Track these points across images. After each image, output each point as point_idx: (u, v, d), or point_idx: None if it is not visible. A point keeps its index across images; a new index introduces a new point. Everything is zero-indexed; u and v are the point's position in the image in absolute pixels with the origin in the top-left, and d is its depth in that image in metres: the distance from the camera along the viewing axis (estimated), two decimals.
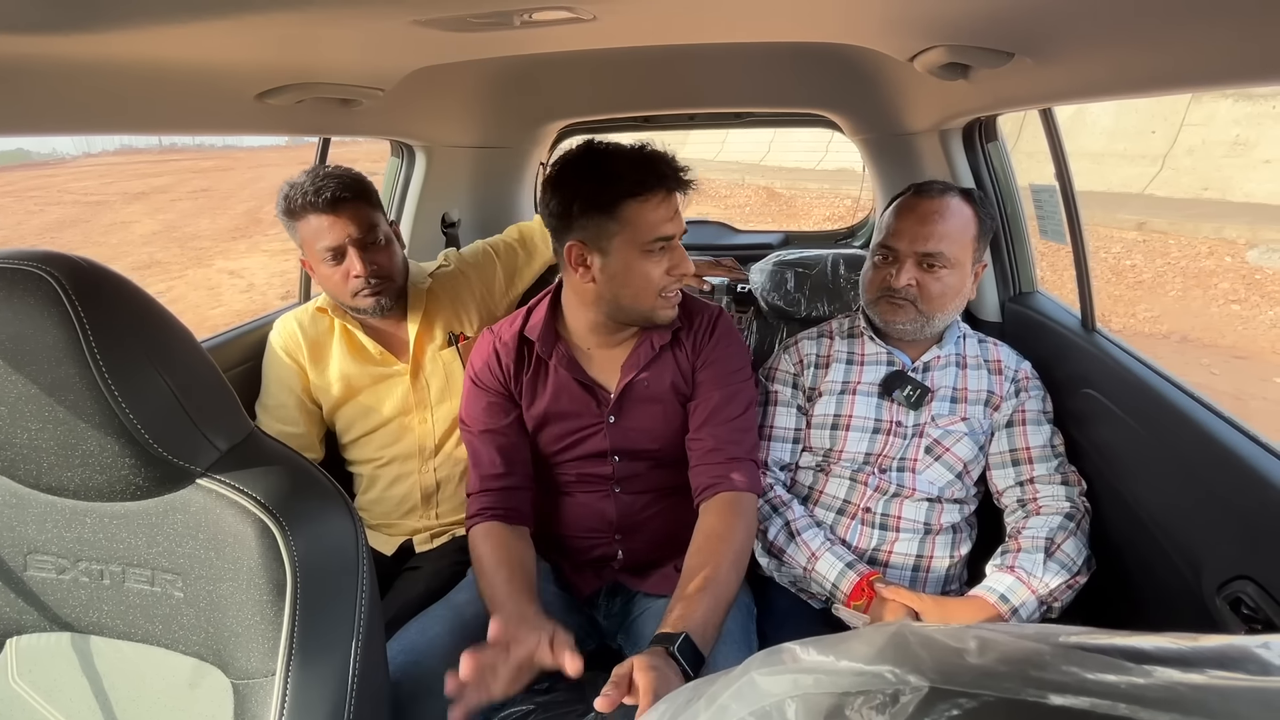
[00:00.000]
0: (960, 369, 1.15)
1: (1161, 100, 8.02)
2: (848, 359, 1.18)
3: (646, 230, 0.93)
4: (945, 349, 1.15)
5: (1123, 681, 0.21)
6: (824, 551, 1.06)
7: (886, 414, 1.13)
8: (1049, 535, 1.01)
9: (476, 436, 1.08)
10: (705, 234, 2.30)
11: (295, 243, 1.24)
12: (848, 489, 1.13)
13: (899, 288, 1.09)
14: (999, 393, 1.13)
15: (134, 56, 0.77)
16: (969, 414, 1.12)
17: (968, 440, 1.11)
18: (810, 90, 1.67)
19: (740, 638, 0.94)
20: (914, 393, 1.11)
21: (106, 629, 0.65)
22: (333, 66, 0.99)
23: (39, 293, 0.51)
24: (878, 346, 1.17)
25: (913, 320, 1.10)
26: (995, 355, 1.17)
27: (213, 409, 0.62)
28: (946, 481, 1.10)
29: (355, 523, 0.66)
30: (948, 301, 1.10)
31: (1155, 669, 0.21)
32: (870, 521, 1.11)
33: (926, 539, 1.09)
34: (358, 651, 0.63)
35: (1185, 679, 0.21)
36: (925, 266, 1.08)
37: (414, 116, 1.50)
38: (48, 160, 29.78)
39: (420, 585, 1.15)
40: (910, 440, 1.12)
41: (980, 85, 1.03)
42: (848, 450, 1.13)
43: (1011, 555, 1.01)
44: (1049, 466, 1.08)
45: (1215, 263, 5.93)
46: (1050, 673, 0.21)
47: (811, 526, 1.10)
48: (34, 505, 0.63)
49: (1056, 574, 0.97)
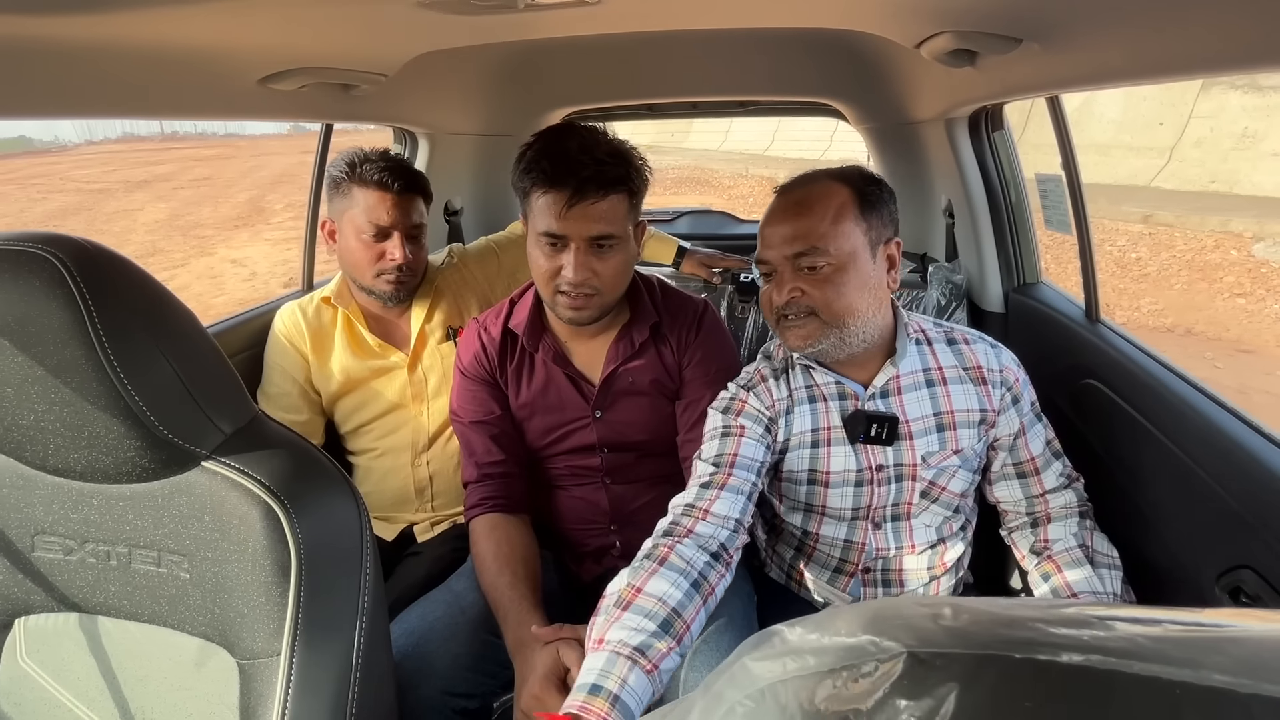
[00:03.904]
0: (939, 386, 0.96)
1: (1169, 91, 7.95)
2: (809, 396, 0.98)
3: (537, 219, 0.95)
4: (904, 365, 0.95)
5: (1088, 635, 0.22)
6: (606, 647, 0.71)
7: (864, 461, 0.96)
8: (1080, 542, 0.95)
9: (468, 427, 1.08)
10: (709, 224, 2.30)
11: (334, 206, 1.25)
12: (842, 549, 1.01)
13: (783, 304, 0.90)
14: (991, 407, 0.96)
15: (135, 39, 0.77)
16: (961, 443, 0.95)
17: (963, 472, 0.97)
18: (815, 78, 1.65)
19: (742, 624, 0.94)
20: (881, 429, 0.93)
21: (114, 609, 0.66)
22: (336, 51, 0.99)
23: (44, 274, 0.51)
24: (826, 375, 0.97)
25: (822, 338, 0.90)
26: (973, 360, 0.97)
27: (217, 392, 0.62)
28: (944, 519, 1.00)
29: (359, 505, 0.66)
30: (853, 301, 0.88)
31: (1119, 625, 0.23)
32: (871, 581, 1.02)
33: (932, 583, 1.02)
34: (362, 632, 0.63)
35: (1146, 631, 0.22)
36: (805, 270, 0.89)
37: (417, 103, 1.50)
38: (50, 148, 29.74)
39: (421, 571, 1.16)
40: (899, 485, 0.97)
41: (987, 72, 1.02)
42: (830, 505, 0.99)
43: (1058, 579, 0.93)
44: (1054, 473, 0.99)
45: (1221, 256, 5.89)
46: (1019, 630, 0.22)
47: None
48: (41, 486, 0.64)
49: (1110, 575, 0.92)
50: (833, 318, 0.89)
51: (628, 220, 0.98)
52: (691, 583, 0.77)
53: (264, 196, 12.04)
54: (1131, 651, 0.21)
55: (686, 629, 0.73)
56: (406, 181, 1.22)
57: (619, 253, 0.97)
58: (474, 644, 0.93)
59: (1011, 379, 0.97)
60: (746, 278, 1.70)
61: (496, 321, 1.09)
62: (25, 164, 20.84)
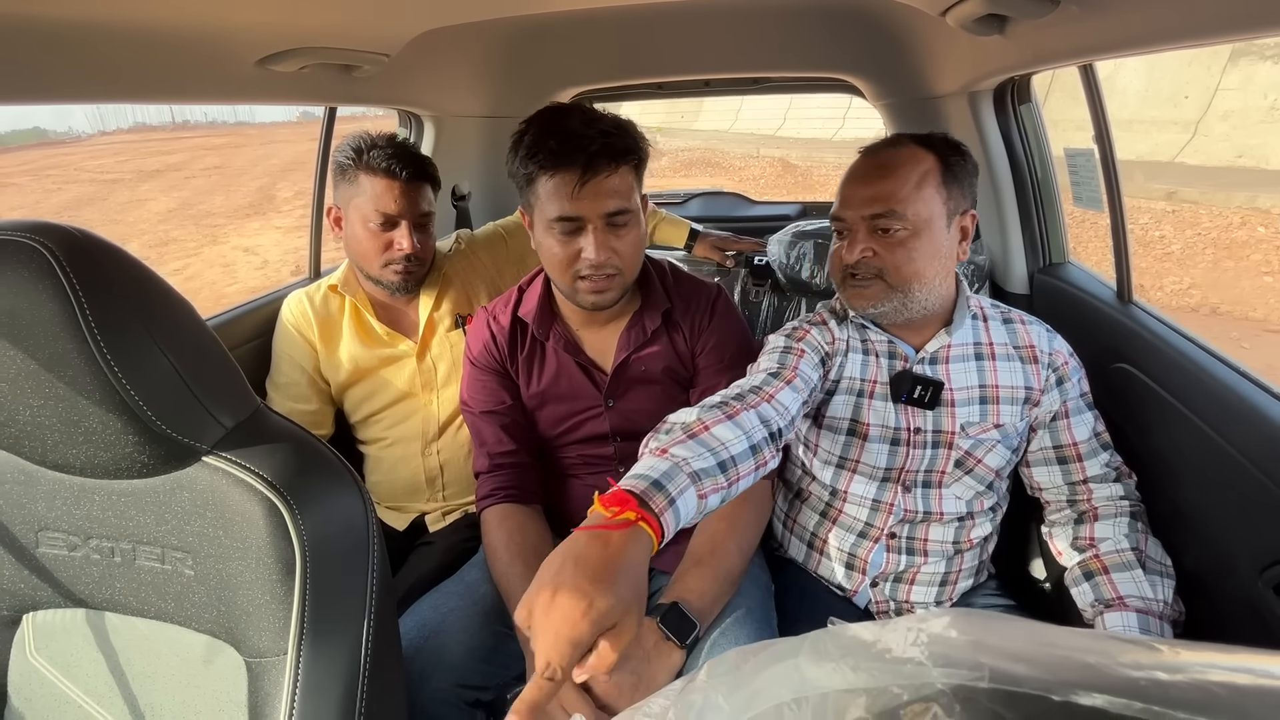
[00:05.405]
0: (986, 361, 0.97)
1: (1196, 62, 7.70)
2: (863, 349, 1.00)
3: (548, 206, 0.90)
4: (958, 336, 0.97)
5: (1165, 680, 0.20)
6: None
7: (904, 420, 0.97)
8: (1133, 545, 0.90)
9: (479, 417, 1.07)
10: (721, 206, 2.25)
11: (340, 193, 1.21)
12: (869, 513, 1.00)
13: (853, 262, 0.93)
14: (1037, 386, 0.96)
15: (127, 18, 0.74)
16: (1003, 418, 0.95)
17: (1001, 448, 0.96)
18: (831, 52, 1.59)
19: (760, 616, 0.92)
20: (925, 392, 0.95)
21: (120, 605, 0.65)
22: (335, 29, 0.96)
23: (33, 265, 0.49)
24: (879, 334, 1.00)
25: (885, 300, 0.92)
26: (1026, 339, 0.98)
27: (216, 385, 0.60)
28: (975, 494, 0.98)
29: (365, 500, 0.64)
30: (922, 268, 0.90)
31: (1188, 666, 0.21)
32: (896, 547, 1.00)
33: (956, 557, 1.00)
34: (370, 630, 0.62)
35: (1214, 678, 0.20)
36: (881, 232, 0.91)
37: (421, 84, 1.46)
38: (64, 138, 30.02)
39: (433, 561, 1.15)
40: (935, 451, 0.97)
41: (1017, 40, 0.97)
42: (864, 462, 0.99)
43: (1105, 581, 0.88)
44: (1099, 462, 0.96)
45: (1248, 233, 5.74)
46: (1102, 675, 0.21)
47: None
48: (42, 482, 0.63)
49: (1163, 584, 0.87)
50: (899, 282, 0.91)
51: (636, 193, 0.95)
52: (750, 445, 0.75)
53: (274, 184, 12.08)
54: (1201, 704, 0.19)
55: (735, 482, 0.71)
56: (415, 169, 1.18)
57: (634, 228, 0.94)
58: (487, 635, 0.92)
59: (1060, 362, 0.97)
60: (760, 260, 1.66)
61: (505, 310, 1.07)
62: (40, 155, 21.05)
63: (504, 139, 1.84)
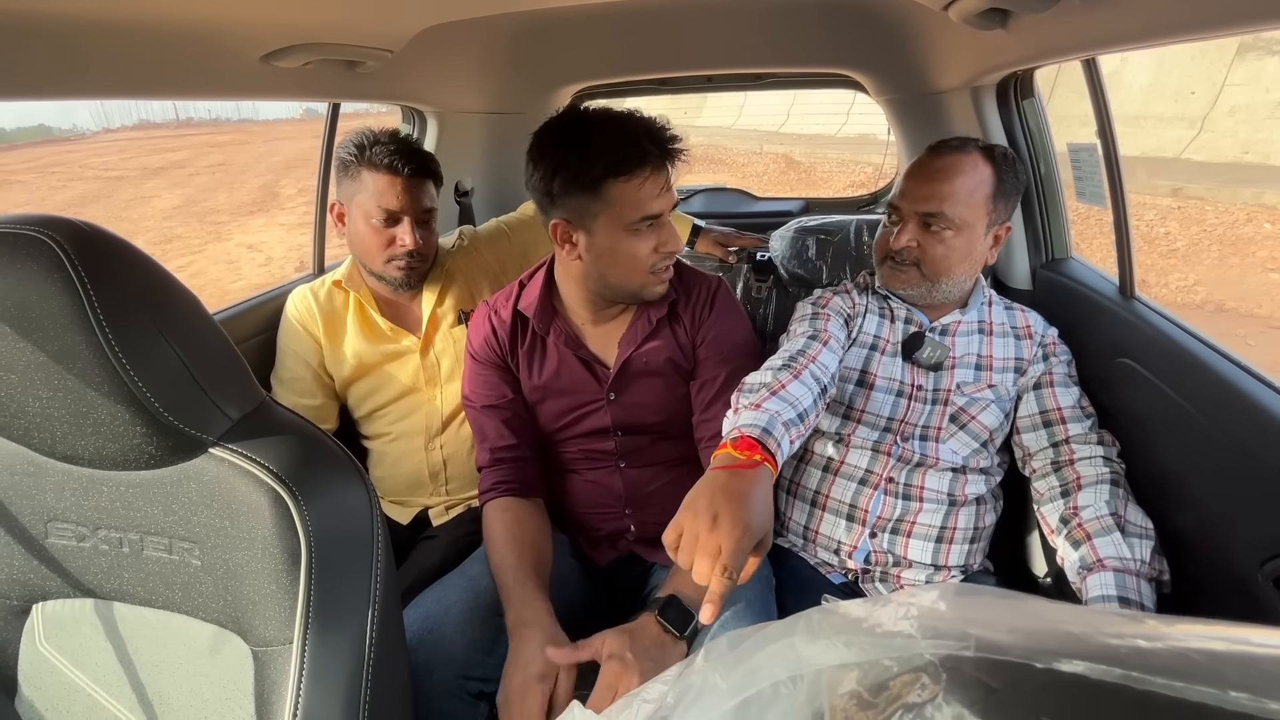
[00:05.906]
0: (985, 336, 1.11)
1: (1204, 56, 7.64)
2: (880, 312, 1.14)
3: (631, 210, 0.90)
4: (968, 314, 1.11)
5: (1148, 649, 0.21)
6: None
7: (909, 376, 1.09)
8: (1112, 511, 0.94)
9: (480, 411, 1.07)
10: (724, 202, 2.25)
11: (343, 189, 1.22)
12: (869, 459, 1.07)
13: (898, 249, 1.06)
14: (1026, 357, 1.09)
15: (132, 14, 0.74)
16: (995, 381, 1.08)
17: (994, 408, 1.07)
18: (834, 48, 1.59)
19: (760, 608, 0.93)
20: (933, 354, 1.07)
21: (128, 595, 0.66)
22: (339, 25, 0.96)
23: (42, 258, 0.50)
24: (900, 304, 1.13)
25: (915, 285, 1.08)
26: (1024, 322, 1.13)
27: (223, 377, 0.61)
28: (971, 451, 1.06)
29: (369, 492, 0.65)
30: (953, 265, 1.05)
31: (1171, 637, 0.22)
32: (894, 492, 1.05)
33: (951, 511, 1.05)
34: (374, 620, 0.63)
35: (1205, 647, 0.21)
36: (927, 227, 1.04)
37: (424, 80, 1.46)
38: (69, 135, 30.10)
39: (436, 554, 1.16)
40: (933, 407, 1.07)
41: (1020, 34, 0.97)
42: (869, 412, 1.09)
43: (1087, 548, 0.92)
44: (1083, 426, 1.03)
45: (1254, 230, 5.70)
46: (1078, 641, 0.22)
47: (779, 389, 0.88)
48: (51, 473, 0.63)
49: (1141, 544, 0.91)
50: (932, 272, 1.06)
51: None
52: (813, 399, 0.89)
53: (278, 181, 12.10)
54: (1182, 670, 0.19)
55: (807, 430, 0.86)
56: (417, 165, 1.18)
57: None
58: (489, 628, 0.93)
59: (1049, 342, 1.10)
60: (763, 256, 1.66)
61: (506, 304, 1.07)
62: (45, 152, 21.10)
63: (507, 135, 1.84)
